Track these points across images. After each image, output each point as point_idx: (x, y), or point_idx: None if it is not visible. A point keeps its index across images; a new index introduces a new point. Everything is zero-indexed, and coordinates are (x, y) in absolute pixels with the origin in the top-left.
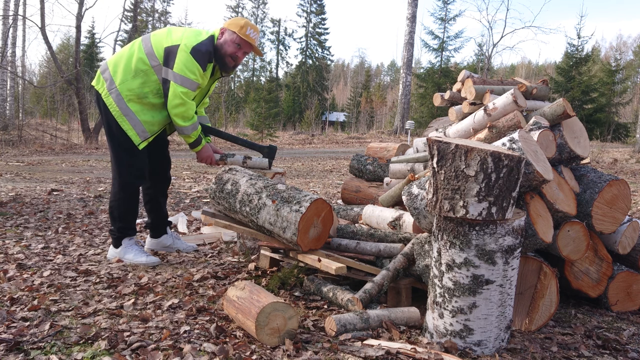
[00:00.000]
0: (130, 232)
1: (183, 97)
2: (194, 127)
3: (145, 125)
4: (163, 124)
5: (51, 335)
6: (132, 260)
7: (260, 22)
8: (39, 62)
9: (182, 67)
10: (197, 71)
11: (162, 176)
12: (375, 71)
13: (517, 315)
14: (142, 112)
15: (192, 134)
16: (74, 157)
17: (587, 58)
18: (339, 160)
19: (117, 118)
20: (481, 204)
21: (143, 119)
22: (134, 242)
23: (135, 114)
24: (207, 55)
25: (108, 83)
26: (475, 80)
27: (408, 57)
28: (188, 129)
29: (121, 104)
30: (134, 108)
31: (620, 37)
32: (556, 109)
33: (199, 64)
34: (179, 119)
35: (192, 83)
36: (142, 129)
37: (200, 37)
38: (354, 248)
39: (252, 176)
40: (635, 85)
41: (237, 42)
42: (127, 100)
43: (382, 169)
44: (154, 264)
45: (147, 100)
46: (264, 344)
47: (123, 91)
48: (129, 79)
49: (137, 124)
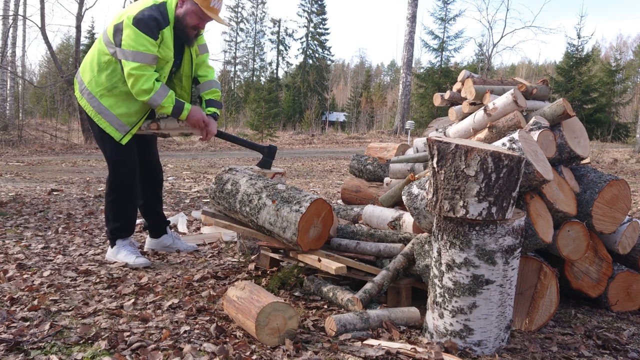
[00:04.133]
0: (123, 233)
1: (136, 71)
2: (160, 95)
3: (121, 118)
4: (142, 113)
5: (51, 335)
6: (122, 261)
7: (260, 22)
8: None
9: (128, 41)
10: (146, 41)
11: (150, 178)
12: (375, 71)
13: (517, 315)
14: (116, 105)
15: (164, 103)
16: (74, 157)
17: (587, 58)
18: (339, 160)
19: (93, 118)
20: (481, 204)
21: (118, 112)
22: (128, 242)
23: (110, 109)
24: (153, 22)
25: (79, 86)
26: (475, 80)
27: (408, 57)
28: (154, 99)
29: (93, 102)
30: (107, 103)
31: (620, 37)
32: (556, 109)
33: (144, 33)
34: (140, 95)
35: (145, 55)
36: (120, 123)
37: (144, 5)
38: (354, 248)
39: (252, 176)
40: (635, 85)
41: (199, 14)
42: (99, 96)
43: (382, 169)
44: (140, 265)
45: (118, 90)
46: (264, 344)
47: (93, 89)
48: (96, 74)
49: (112, 119)
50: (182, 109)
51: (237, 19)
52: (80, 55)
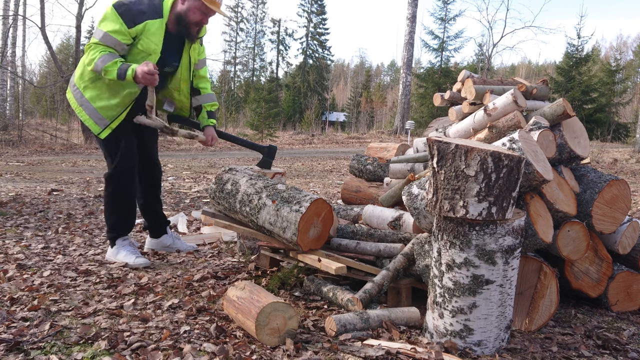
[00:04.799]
0: (121, 229)
1: (91, 45)
2: (103, 61)
3: (101, 112)
4: (122, 107)
5: (51, 335)
6: (122, 261)
7: (260, 22)
8: (39, 62)
9: (102, 20)
10: (114, 24)
11: (149, 177)
12: (375, 71)
13: (517, 315)
14: (97, 97)
15: (107, 67)
16: (74, 157)
17: (587, 58)
18: (339, 160)
19: (75, 110)
20: (481, 204)
21: (98, 105)
22: (128, 242)
23: (90, 102)
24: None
25: (70, 85)
26: (475, 80)
27: (408, 57)
28: (97, 65)
29: (77, 95)
30: (90, 95)
31: (620, 37)
32: (556, 109)
33: (119, 15)
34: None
35: (105, 35)
36: (99, 116)
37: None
38: (354, 248)
39: (252, 176)
40: (635, 85)
41: (202, 10)
42: (83, 88)
43: (382, 169)
44: (140, 265)
45: (101, 81)
46: (264, 344)
47: (79, 83)
48: (82, 67)
49: (92, 112)
50: (126, 70)
51: (237, 19)
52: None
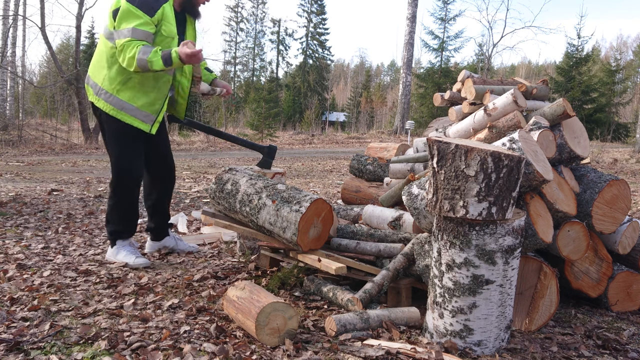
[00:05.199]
0: (124, 235)
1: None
2: (145, 53)
3: (145, 109)
4: (162, 97)
5: (51, 335)
6: (122, 261)
7: (260, 22)
8: (39, 62)
9: (121, 19)
10: (138, 18)
11: (163, 179)
12: (375, 71)
13: (517, 315)
14: (135, 97)
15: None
16: (74, 157)
17: (587, 58)
18: (339, 160)
19: (116, 116)
20: (481, 204)
21: (140, 104)
22: (128, 243)
23: (130, 103)
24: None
25: (94, 89)
26: (475, 80)
27: (408, 57)
28: (140, 59)
29: (112, 99)
30: (127, 96)
31: (620, 37)
32: (556, 109)
33: (139, 8)
34: (130, 66)
35: (134, 31)
36: (144, 114)
37: None
38: (354, 248)
39: (252, 176)
40: (635, 85)
41: None
42: (116, 92)
43: (382, 169)
44: (141, 265)
45: (133, 81)
46: (264, 344)
47: (108, 86)
48: (107, 71)
49: (136, 112)
50: (170, 55)
51: (237, 19)
52: (80, 55)
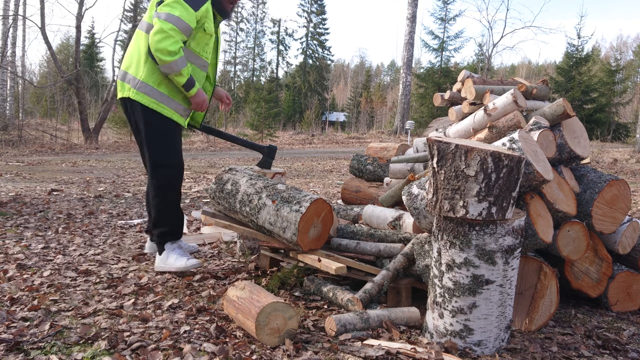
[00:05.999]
0: (172, 237)
1: (168, 31)
2: (183, 62)
3: (183, 103)
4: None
5: (51, 335)
6: (173, 266)
7: (260, 21)
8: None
9: (167, 5)
10: (184, 9)
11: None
12: (375, 71)
13: (517, 315)
14: (175, 90)
15: (183, 72)
16: (74, 157)
17: (587, 58)
18: (339, 160)
19: (156, 109)
20: (481, 204)
21: (180, 97)
22: (177, 245)
23: (170, 96)
24: None
25: (132, 83)
26: (475, 80)
27: (408, 57)
28: (176, 63)
29: (153, 92)
30: (166, 90)
31: (620, 37)
32: (556, 109)
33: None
34: (163, 54)
35: (178, 20)
36: (183, 107)
37: None
38: (354, 248)
39: (252, 176)
40: (635, 85)
41: None
42: (157, 84)
43: (382, 169)
44: (194, 267)
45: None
46: (264, 344)
47: (148, 80)
48: (148, 64)
49: (177, 105)
50: (194, 84)
51: (237, 19)
52: (80, 55)
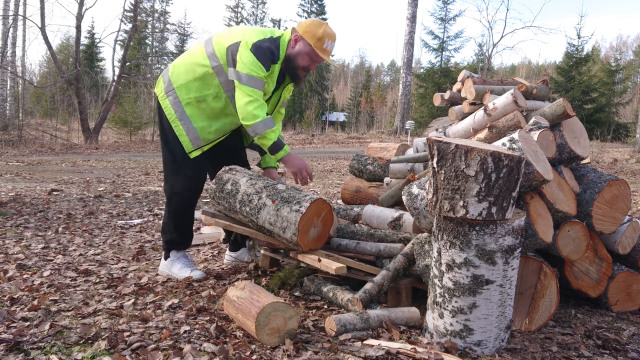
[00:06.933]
0: (178, 246)
1: (253, 95)
2: (266, 125)
3: (200, 132)
4: (220, 133)
5: (51, 335)
6: (176, 275)
7: (260, 22)
8: (39, 62)
9: (246, 64)
10: (260, 70)
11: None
12: (375, 71)
13: (517, 315)
14: (199, 117)
15: (267, 134)
16: (74, 157)
17: (587, 58)
18: (339, 160)
19: (171, 122)
20: (481, 204)
21: (199, 125)
22: (182, 254)
23: (191, 120)
24: (269, 54)
25: (166, 85)
26: (475, 80)
27: (408, 57)
28: (258, 126)
29: (178, 107)
30: (191, 112)
31: (620, 37)
32: (556, 109)
33: (260, 62)
34: (247, 118)
35: (257, 81)
36: (196, 135)
37: (262, 35)
38: (354, 248)
39: (252, 176)
40: (635, 85)
41: (312, 56)
42: (185, 103)
43: (382, 169)
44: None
45: (206, 104)
46: (264, 344)
47: (181, 94)
48: (189, 81)
49: (191, 130)
50: (281, 148)
51: (237, 19)
52: (80, 55)
